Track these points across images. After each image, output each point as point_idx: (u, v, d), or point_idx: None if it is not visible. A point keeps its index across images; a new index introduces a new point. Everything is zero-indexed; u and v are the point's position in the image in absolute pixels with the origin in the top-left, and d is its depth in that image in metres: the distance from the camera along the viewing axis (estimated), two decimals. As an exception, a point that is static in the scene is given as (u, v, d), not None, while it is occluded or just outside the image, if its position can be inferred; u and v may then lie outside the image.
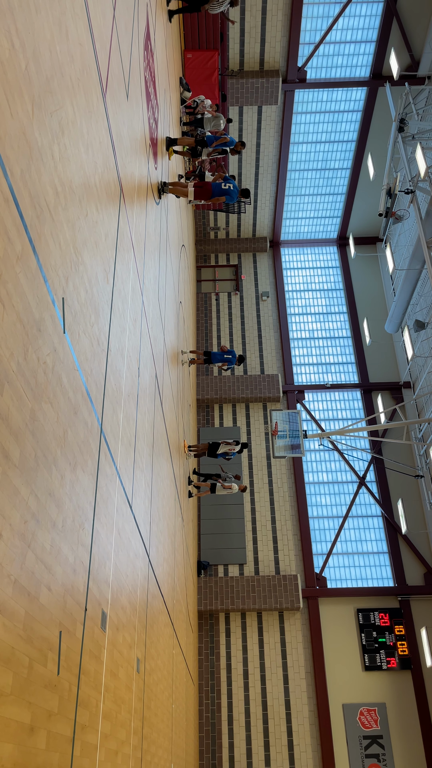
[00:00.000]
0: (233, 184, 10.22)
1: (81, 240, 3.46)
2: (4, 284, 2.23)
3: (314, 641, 17.79)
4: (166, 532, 8.31)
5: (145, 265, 6.67)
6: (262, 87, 20.09)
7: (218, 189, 10.10)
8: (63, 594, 2.94)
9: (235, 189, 10.20)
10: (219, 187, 10.10)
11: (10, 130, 2.33)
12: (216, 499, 19.57)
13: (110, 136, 4.50)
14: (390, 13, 19.21)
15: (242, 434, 21.28)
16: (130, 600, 5.04)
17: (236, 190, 10.22)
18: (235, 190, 10.18)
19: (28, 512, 2.45)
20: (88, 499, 3.52)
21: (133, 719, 4.97)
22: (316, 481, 21.04)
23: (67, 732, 2.94)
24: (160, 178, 8.71)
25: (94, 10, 4.00)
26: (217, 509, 19.54)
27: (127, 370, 5.15)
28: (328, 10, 19.57)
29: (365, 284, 24.84)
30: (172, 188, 9.37)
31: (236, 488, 15.35)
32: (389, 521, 19.87)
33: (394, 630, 18.00)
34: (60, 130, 3.04)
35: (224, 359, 15.81)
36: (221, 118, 13.43)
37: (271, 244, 26.00)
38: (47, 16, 2.85)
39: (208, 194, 10.06)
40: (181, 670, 10.51)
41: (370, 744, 16.76)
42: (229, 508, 19.64)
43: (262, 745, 16.56)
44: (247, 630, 18.00)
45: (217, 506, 19.59)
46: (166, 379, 9.14)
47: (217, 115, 13.46)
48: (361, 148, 22.63)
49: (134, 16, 6.18)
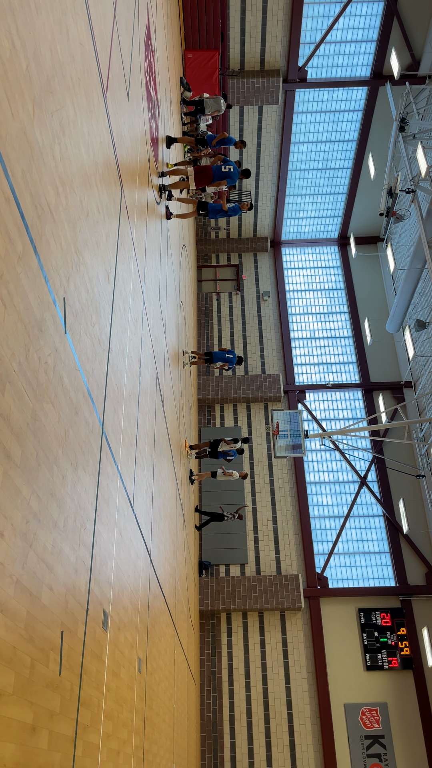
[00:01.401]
0: (233, 165, 9.91)
1: (82, 240, 3.46)
2: (5, 284, 2.23)
3: (316, 641, 17.78)
4: (167, 532, 8.31)
5: (146, 265, 6.67)
6: (262, 87, 20.09)
7: (218, 172, 9.80)
8: (65, 594, 2.94)
9: (236, 171, 9.89)
10: (219, 171, 9.81)
11: (11, 129, 2.33)
12: (217, 498, 19.57)
13: (111, 135, 4.50)
14: (390, 13, 19.19)
15: (243, 434, 21.26)
16: (132, 600, 5.04)
17: (236, 171, 9.92)
18: (235, 171, 9.88)
19: (29, 512, 2.45)
20: (90, 499, 3.52)
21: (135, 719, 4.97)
22: (317, 481, 21.03)
23: (68, 732, 2.94)
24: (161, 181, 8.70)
25: (95, 9, 4.00)
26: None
27: (128, 370, 5.15)
28: (328, 10, 19.56)
29: (366, 284, 24.84)
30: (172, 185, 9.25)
31: (237, 475, 15.46)
32: (390, 521, 19.86)
33: (396, 630, 17.99)
34: (61, 129, 3.04)
35: (225, 359, 15.83)
36: (221, 100, 13.39)
37: (272, 243, 26.00)
38: (48, 16, 2.85)
39: (209, 179, 9.79)
40: (182, 669, 10.51)
41: (371, 744, 16.75)
42: (231, 508, 19.63)
43: (264, 745, 16.56)
44: (249, 630, 18.00)
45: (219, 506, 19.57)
46: (167, 378, 9.14)
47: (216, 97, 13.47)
48: (361, 147, 22.62)
49: (135, 16, 6.18)
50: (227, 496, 19.79)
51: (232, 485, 19.89)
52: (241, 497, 19.83)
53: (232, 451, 15.46)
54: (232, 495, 19.84)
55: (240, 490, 19.96)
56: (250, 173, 10.92)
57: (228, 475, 15.38)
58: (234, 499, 19.73)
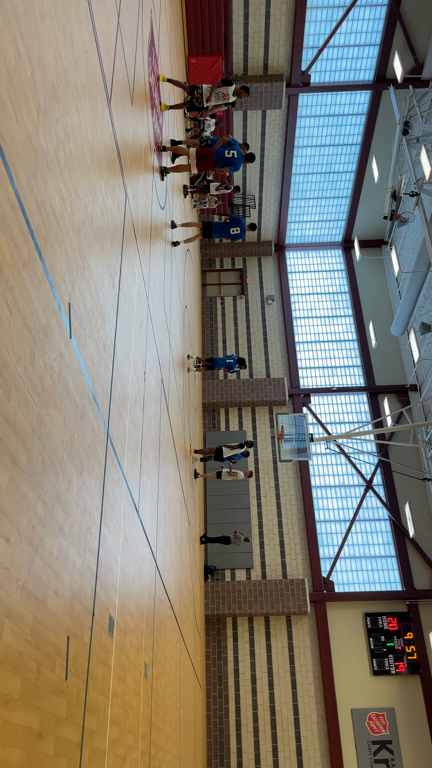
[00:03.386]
0: (237, 149, 9.20)
1: (87, 245, 3.46)
2: (10, 290, 2.24)
3: (322, 646, 17.71)
4: (173, 537, 8.29)
5: (150, 270, 6.68)
6: (266, 91, 20.14)
7: (221, 157, 9.11)
8: (70, 599, 2.94)
9: (240, 156, 9.22)
10: (222, 156, 9.10)
11: (16, 136, 2.34)
12: (223, 502, 19.55)
13: (115, 141, 4.52)
14: (393, 17, 19.22)
15: (248, 438, 21.24)
16: (138, 605, 5.03)
17: (240, 156, 9.25)
18: (239, 156, 9.20)
19: (35, 517, 2.45)
20: (95, 504, 3.52)
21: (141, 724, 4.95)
22: (322, 485, 20.98)
23: (75, 737, 2.93)
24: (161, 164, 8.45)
25: (99, 16, 4.01)
26: (224, 513, 19.51)
27: (133, 375, 5.16)
28: (331, 14, 19.60)
29: (370, 287, 24.81)
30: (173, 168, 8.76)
31: (242, 475, 15.45)
32: (397, 525, 19.78)
33: (403, 634, 17.90)
34: (65, 136, 3.05)
35: (226, 364, 15.83)
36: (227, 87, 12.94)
37: (276, 247, 26.01)
38: (52, 23, 2.86)
39: (212, 164, 9.13)
40: (188, 675, 10.48)
41: (379, 749, 16.65)
42: (236, 512, 19.61)
43: (271, 751, 16.48)
44: (255, 635, 17.94)
45: (224, 510, 19.56)
46: (172, 383, 9.14)
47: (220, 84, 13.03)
48: (365, 151, 22.62)
49: (138, 22, 6.20)
50: (232, 501, 19.76)
51: (237, 489, 19.86)
52: (246, 500, 19.79)
53: (237, 455, 15.47)
54: (238, 500, 19.81)
55: (245, 494, 19.93)
56: (255, 157, 10.14)
57: (233, 476, 15.39)
58: (240, 504, 19.70)
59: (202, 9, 16.76)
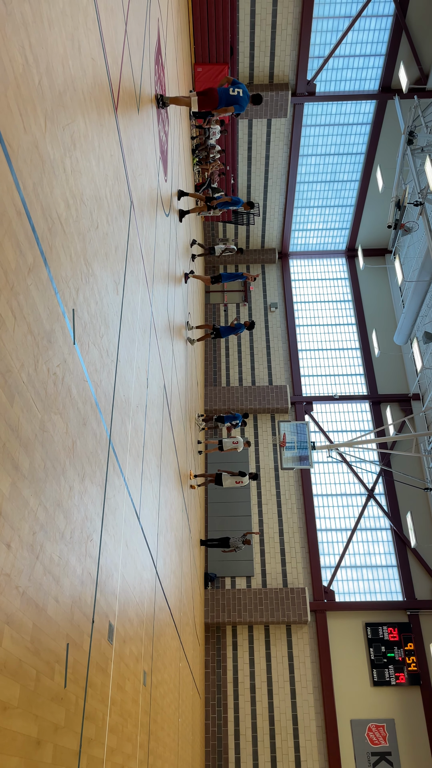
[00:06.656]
0: (243, 88, 8.27)
1: (92, 252, 3.47)
2: (15, 296, 2.25)
3: (322, 655, 17.61)
4: (173, 544, 8.27)
5: (154, 276, 6.70)
6: (271, 100, 20.24)
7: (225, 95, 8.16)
8: (70, 606, 2.93)
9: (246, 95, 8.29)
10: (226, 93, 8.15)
11: (23, 143, 2.36)
12: (224, 509, 19.51)
13: (121, 148, 4.54)
14: (399, 27, 19.33)
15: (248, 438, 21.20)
16: (138, 612, 5.01)
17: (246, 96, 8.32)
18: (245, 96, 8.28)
19: (36, 523, 2.45)
20: (96, 510, 3.52)
21: (140, 733, 4.92)
22: (324, 494, 20.92)
23: (73, 746, 2.91)
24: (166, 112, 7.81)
25: (107, 24, 4.04)
26: (225, 520, 19.46)
27: (136, 381, 5.16)
28: (337, 24, 19.72)
29: (374, 296, 24.83)
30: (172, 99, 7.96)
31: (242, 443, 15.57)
32: (398, 534, 19.71)
33: (403, 645, 17.79)
34: (72, 143, 3.07)
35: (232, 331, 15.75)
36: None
37: (280, 255, 26.07)
38: (60, 32, 2.88)
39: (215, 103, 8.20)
40: (187, 683, 10.43)
41: (378, 761, 16.52)
42: (237, 520, 19.56)
43: (269, 761, 16.36)
44: (255, 643, 17.85)
45: (225, 518, 19.52)
46: (175, 389, 9.15)
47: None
48: (370, 160, 22.70)
49: (145, 30, 6.25)
50: (233, 509, 19.72)
51: (238, 496, 19.81)
52: (247, 508, 19.74)
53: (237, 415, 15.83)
54: (240, 508, 19.77)
55: (246, 501, 19.89)
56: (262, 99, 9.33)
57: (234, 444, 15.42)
58: (241, 512, 19.66)
59: (208, 18, 16.87)
